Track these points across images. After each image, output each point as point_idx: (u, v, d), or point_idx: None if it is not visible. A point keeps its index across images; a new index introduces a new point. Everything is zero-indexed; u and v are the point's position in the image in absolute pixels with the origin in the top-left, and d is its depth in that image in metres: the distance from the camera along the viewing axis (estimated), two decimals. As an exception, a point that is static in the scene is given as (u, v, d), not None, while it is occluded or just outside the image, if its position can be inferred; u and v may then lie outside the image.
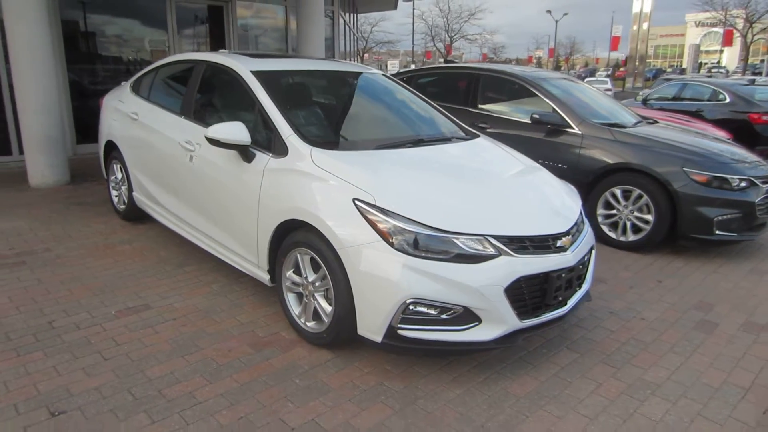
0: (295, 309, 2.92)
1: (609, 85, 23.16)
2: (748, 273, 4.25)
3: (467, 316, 2.44)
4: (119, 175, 4.68)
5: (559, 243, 2.63)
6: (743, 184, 4.39)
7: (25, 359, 2.63)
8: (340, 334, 2.63)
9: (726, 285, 3.98)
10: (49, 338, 2.83)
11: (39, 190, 5.79)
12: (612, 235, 4.72)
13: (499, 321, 2.47)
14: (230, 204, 3.20)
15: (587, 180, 4.76)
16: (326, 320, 2.70)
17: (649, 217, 4.48)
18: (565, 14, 58.76)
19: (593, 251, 3.05)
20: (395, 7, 17.96)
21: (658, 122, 5.85)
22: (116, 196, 4.84)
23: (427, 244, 2.40)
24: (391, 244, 2.40)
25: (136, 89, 4.51)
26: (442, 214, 2.49)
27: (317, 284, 2.74)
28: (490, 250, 2.44)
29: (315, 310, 2.79)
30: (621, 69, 49.54)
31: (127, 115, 4.37)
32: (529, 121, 5.10)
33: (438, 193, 2.67)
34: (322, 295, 2.74)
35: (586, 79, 23.14)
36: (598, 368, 2.79)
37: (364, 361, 2.74)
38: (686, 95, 10.29)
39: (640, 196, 4.52)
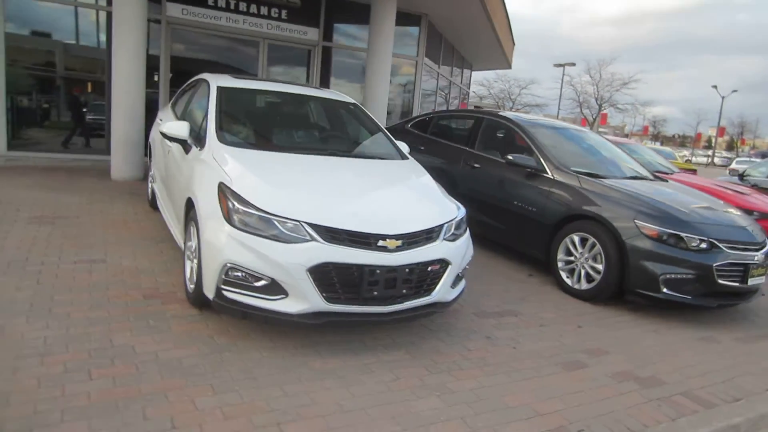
0: (186, 270, 3.50)
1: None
2: (688, 339, 3.94)
3: (276, 288, 2.83)
4: (151, 171, 5.77)
5: (380, 243, 2.92)
6: (703, 245, 4.10)
7: (-9, 273, 3.58)
8: (198, 293, 3.15)
9: (646, 343, 3.76)
10: (17, 269, 3.76)
11: (115, 182, 7.20)
12: (568, 281, 4.63)
13: (303, 298, 2.82)
14: (175, 186, 3.96)
15: (552, 224, 4.77)
16: (195, 279, 3.25)
17: (601, 267, 4.36)
18: (734, 91, 53.86)
19: (449, 266, 3.22)
20: (509, 67, 18.42)
21: (667, 181, 5.58)
22: (149, 188, 5.94)
23: (252, 222, 2.87)
24: (227, 219, 2.92)
25: (172, 105, 5.63)
26: (277, 201, 2.95)
27: (193, 250, 3.32)
28: (303, 235, 2.83)
29: (191, 270, 3.36)
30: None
31: (158, 123, 5.46)
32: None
33: (291, 187, 3.14)
34: (196, 259, 3.31)
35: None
36: (413, 370, 2.95)
37: (217, 319, 3.22)
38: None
39: (594, 245, 4.43)
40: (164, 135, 3.81)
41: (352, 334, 3.28)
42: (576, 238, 4.57)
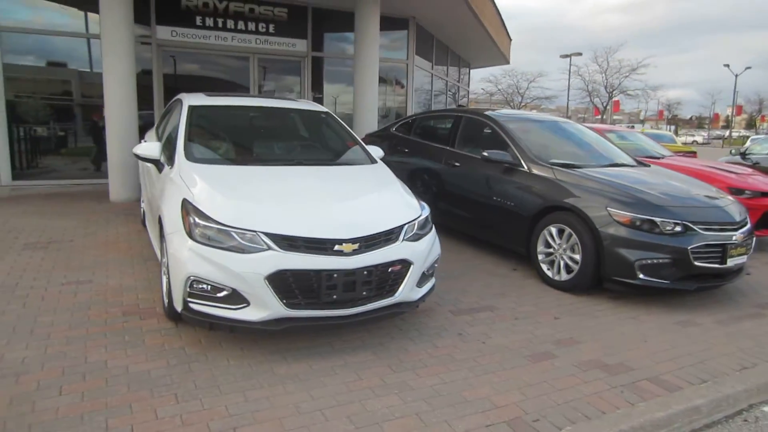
0: (163, 286, 3.62)
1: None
2: (666, 324, 3.92)
3: (237, 298, 2.92)
4: (142, 191, 5.94)
5: (336, 247, 3.00)
6: (677, 228, 4.09)
7: (-20, 300, 3.74)
8: (171, 306, 3.26)
9: (621, 330, 3.76)
10: (6, 293, 3.92)
11: (113, 203, 7.41)
12: (549, 273, 4.65)
13: (263, 306, 2.91)
14: (154, 204, 4.10)
15: (530, 217, 4.79)
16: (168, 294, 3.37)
17: (578, 257, 4.37)
18: (748, 68, 52.71)
19: (412, 266, 3.28)
20: (507, 62, 18.41)
21: (649, 166, 5.55)
22: (141, 208, 6.11)
23: (212, 235, 2.97)
24: (189, 234, 3.02)
25: (156, 126, 5.78)
26: (236, 214, 3.05)
27: (165, 266, 3.44)
28: (260, 245, 2.92)
29: (165, 285, 3.47)
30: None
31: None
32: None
33: (250, 199, 3.24)
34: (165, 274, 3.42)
35: None
36: (376, 369, 3.01)
37: (191, 331, 3.33)
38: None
39: (570, 235, 4.44)
40: (137, 156, 3.95)
41: (321, 338, 3.36)
42: (554, 230, 4.59)
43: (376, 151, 4.59)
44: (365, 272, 3.06)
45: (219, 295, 2.95)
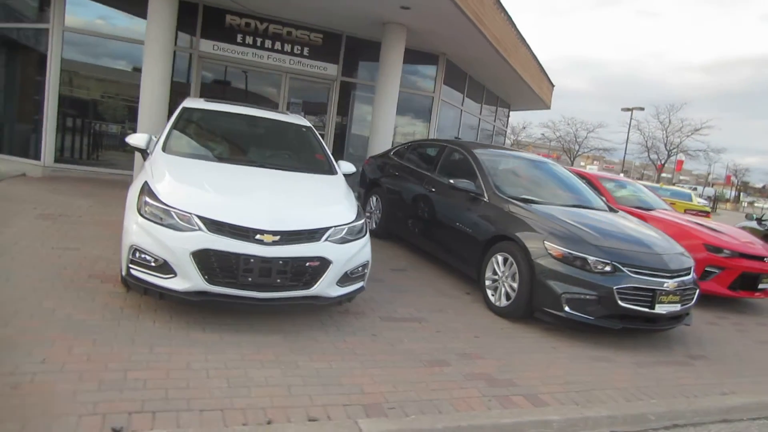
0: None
1: None
2: (580, 357, 4.08)
3: (167, 268, 3.38)
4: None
5: (258, 236, 3.42)
6: (607, 268, 4.26)
7: (-20, 250, 4.40)
8: (122, 274, 3.76)
9: (534, 356, 3.97)
10: (5, 249, 4.57)
11: (135, 192, 8.18)
12: (492, 299, 4.87)
13: (187, 278, 3.35)
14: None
15: (483, 244, 5.05)
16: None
17: (516, 285, 4.59)
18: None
19: (331, 265, 3.64)
20: (548, 107, 18.55)
21: (617, 212, 5.71)
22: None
23: (156, 213, 3.47)
24: (139, 210, 3.54)
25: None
26: (180, 197, 3.54)
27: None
28: (193, 225, 3.39)
29: (122, 256, 3.99)
30: None
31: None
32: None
33: (198, 187, 3.75)
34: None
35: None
36: (277, 349, 3.37)
37: (137, 297, 3.80)
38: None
39: (512, 264, 4.67)
40: (129, 144, 4.55)
41: (246, 318, 3.75)
42: (500, 258, 4.83)
43: (347, 166, 5.02)
44: (281, 262, 3.46)
45: (153, 264, 3.42)
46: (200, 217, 3.41)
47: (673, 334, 4.97)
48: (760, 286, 6.33)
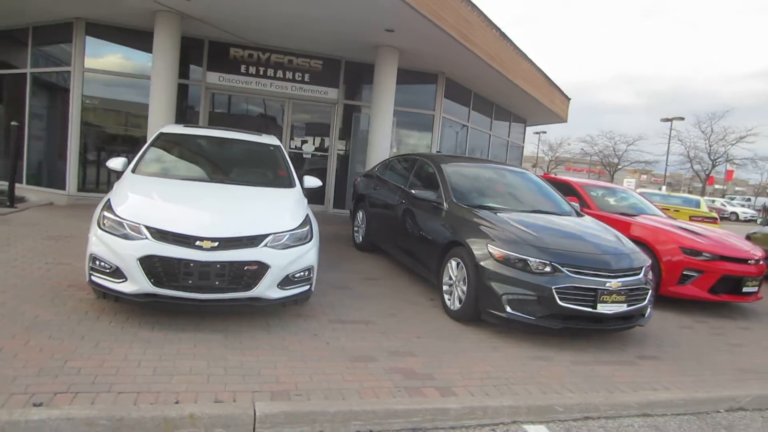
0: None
1: None
2: (518, 356, 4.20)
3: (119, 273, 3.79)
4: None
5: (197, 243, 3.78)
6: (547, 269, 4.38)
7: None
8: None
9: (468, 354, 4.12)
10: (5, 263, 5.13)
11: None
12: (448, 303, 5.05)
13: (135, 282, 3.74)
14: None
15: (440, 250, 5.25)
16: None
17: (466, 289, 4.76)
18: None
19: (269, 269, 3.95)
20: (565, 120, 18.50)
21: (583, 216, 5.80)
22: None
23: (113, 225, 3.89)
24: (98, 223, 3.98)
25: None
26: (133, 210, 3.96)
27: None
28: (141, 234, 3.79)
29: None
30: None
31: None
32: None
33: (150, 201, 4.18)
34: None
35: None
36: (212, 344, 3.68)
37: (105, 303, 4.21)
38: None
39: (463, 268, 4.85)
40: (108, 168, 5.05)
41: (195, 320, 4.08)
42: (453, 263, 5.02)
43: (312, 181, 5.38)
44: (218, 266, 3.81)
45: (108, 270, 3.84)
46: (147, 227, 3.81)
47: (635, 337, 4.99)
48: (745, 289, 6.22)
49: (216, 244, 3.83)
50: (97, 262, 3.88)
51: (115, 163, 5.03)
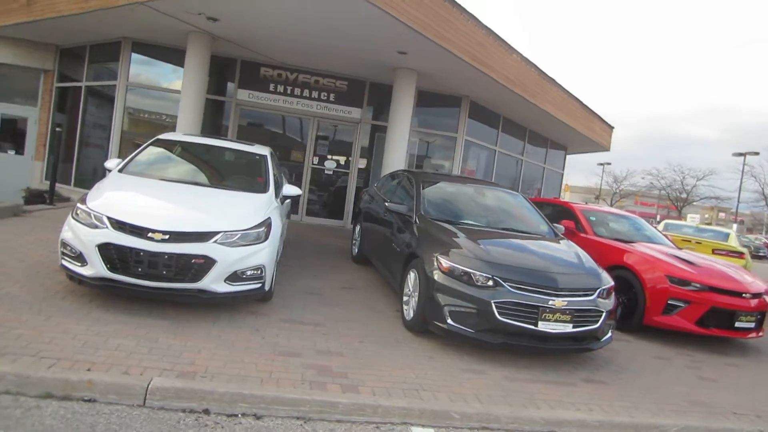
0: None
1: None
2: (451, 367, 4.24)
3: (81, 258, 4.21)
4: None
5: (150, 234, 4.14)
6: (489, 282, 4.41)
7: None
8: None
9: (402, 361, 4.21)
10: (13, 249, 5.74)
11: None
12: (405, 312, 5.14)
13: (94, 266, 4.14)
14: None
15: (403, 261, 5.37)
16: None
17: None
18: None
19: (216, 263, 4.24)
20: (607, 149, 17.98)
21: (563, 238, 5.73)
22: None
23: (82, 215, 4.34)
24: (72, 213, 4.44)
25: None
26: (101, 203, 4.40)
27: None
28: (103, 224, 4.20)
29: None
30: None
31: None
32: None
33: (121, 196, 4.63)
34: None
35: None
36: (154, 329, 3.99)
37: (82, 288, 4.65)
38: None
39: (417, 279, 4.95)
40: (105, 168, 5.59)
41: (149, 308, 4.40)
42: (411, 275, 5.12)
43: (292, 190, 5.70)
44: (166, 257, 4.14)
45: (73, 255, 4.27)
46: (108, 218, 4.23)
47: (595, 361, 4.88)
48: (738, 324, 5.87)
49: (167, 237, 4.17)
50: (67, 248, 4.33)
51: (112, 163, 5.56)
